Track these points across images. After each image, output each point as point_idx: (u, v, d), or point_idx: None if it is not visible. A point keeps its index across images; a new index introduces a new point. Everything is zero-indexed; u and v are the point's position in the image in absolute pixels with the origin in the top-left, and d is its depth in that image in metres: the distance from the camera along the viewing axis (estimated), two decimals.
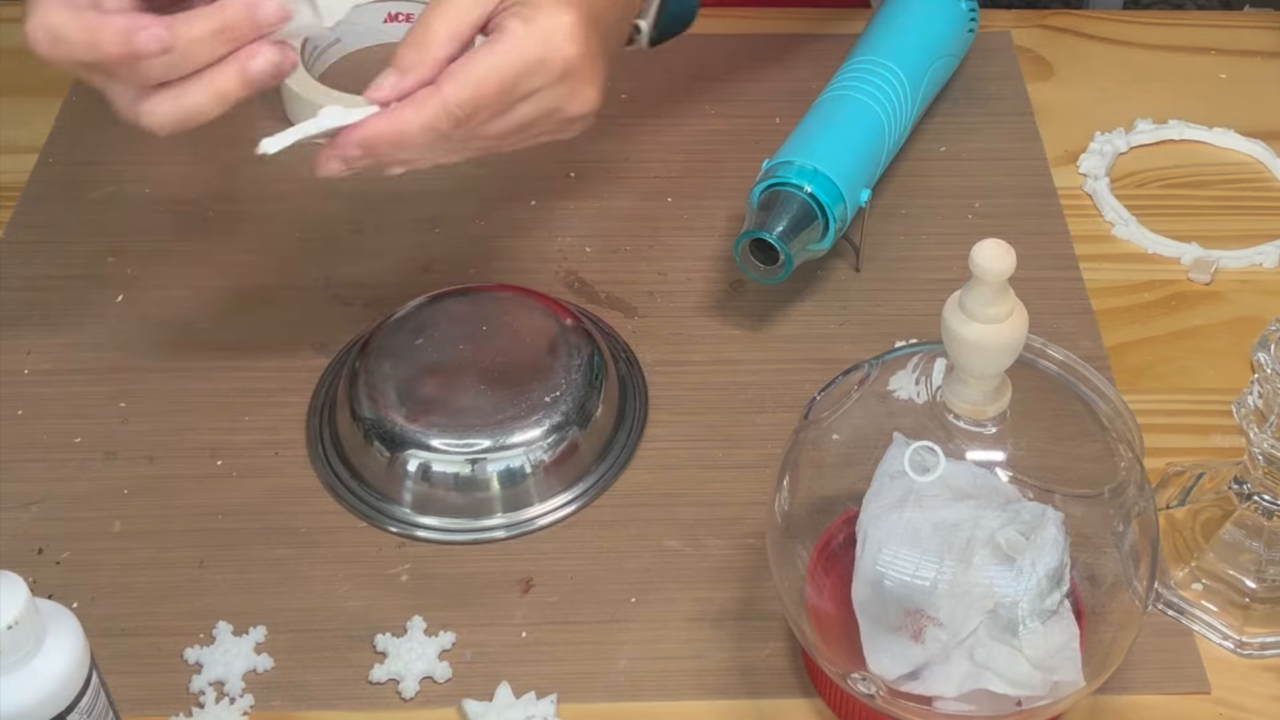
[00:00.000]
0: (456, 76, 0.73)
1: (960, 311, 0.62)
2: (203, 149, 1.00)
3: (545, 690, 0.73)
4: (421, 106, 0.72)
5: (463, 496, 0.80)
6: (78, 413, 0.85)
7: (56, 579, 0.77)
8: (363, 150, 0.73)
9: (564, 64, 0.74)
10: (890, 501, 0.66)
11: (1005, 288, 0.61)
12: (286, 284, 0.92)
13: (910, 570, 0.65)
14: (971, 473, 0.67)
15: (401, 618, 0.76)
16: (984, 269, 0.60)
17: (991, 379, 0.64)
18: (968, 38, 1.01)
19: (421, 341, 0.83)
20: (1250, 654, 0.75)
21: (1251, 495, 0.75)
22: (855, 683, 0.67)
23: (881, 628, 0.66)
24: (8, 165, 0.99)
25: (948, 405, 0.65)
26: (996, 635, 0.65)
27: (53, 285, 0.92)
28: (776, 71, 1.06)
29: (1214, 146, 1.02)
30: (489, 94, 0.73)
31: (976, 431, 0.65)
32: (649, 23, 0.84)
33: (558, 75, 0.74)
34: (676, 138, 1.01)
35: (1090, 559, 0.66)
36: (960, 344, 0.62)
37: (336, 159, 0.74)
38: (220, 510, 0.81)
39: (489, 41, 0.74)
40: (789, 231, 0.86)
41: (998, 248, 0.60)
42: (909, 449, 0.65)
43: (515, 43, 0.73)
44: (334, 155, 0.74)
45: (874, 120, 0.92)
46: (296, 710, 0.73)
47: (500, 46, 0.73)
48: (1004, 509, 0.66)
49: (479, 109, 0.73)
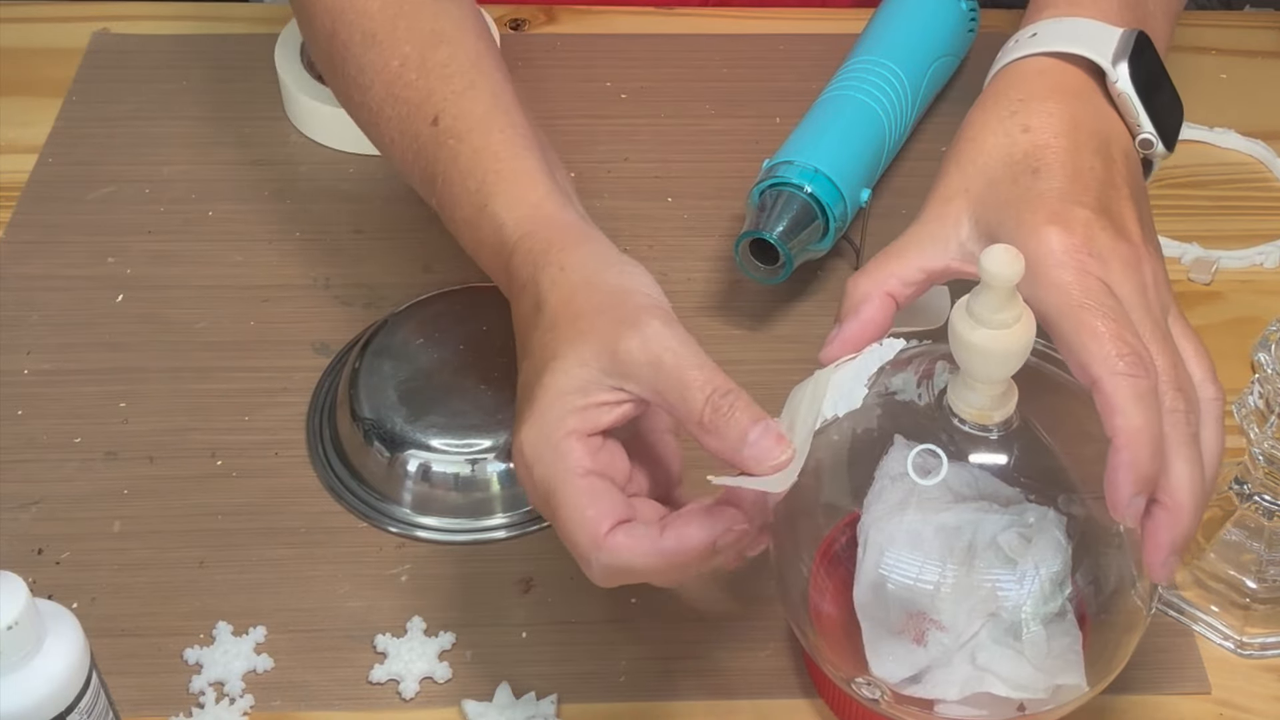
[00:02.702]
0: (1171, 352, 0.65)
1: (968, 317, 0.61)
2: (203, 149, 1.00)
3: (545, 690, 0.73)
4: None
5: (463, 496, 0.80)
6: (78, 413, 0.85)
7: (56, 579, 0.77)
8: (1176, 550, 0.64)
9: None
10: (892, 504, 0.66)
11: (1013, 293, 0.61)
12: (286, 284, 0.92)
13: (912, 573, 0.65)
14: (974, 475, 0.66)
15: (401, 618, 0.76)
16: (993, 274, 0.60)
17: (998, 384, 0.64)
18: (968, 38, 1.01)
19: (421, 341, 0.83)
20: (1251, 654, 0.75)
21: (1252, 496, 0.75)
22: (860, 687, 0.67)
23: (883, 631, 0.66)
24: (8, 165, 0.99)
25: (953, 410, 0.64)
26: (999, 639, 0.65)
27: (53, 285, 0.92)
28: (776, 71, 1.06)
29: (1214, 146, 1.02)
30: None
31: (981, 436, 0.65)
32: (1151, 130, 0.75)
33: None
34: (676, 138, 1.01)
35: (1094, 562, 0.66)
36: (968, 349, 0.62)
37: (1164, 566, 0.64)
38: (220, 510, 0.81)
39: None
40: (789, 231, 0.86)
41: (1007, 253, 0.60)
42: (911, 452, 0.65)
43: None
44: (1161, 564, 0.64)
45: (874, 120, 0.92)
46: (296, 710, 0.73)
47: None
48: (1006, 512, 0.66)
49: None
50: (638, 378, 0.63)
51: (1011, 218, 0.68)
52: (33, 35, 1.08)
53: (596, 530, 0.63)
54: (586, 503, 0.63)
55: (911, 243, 0.71)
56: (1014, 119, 0.72)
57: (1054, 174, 0.69)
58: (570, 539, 0.64)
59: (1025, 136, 0.71)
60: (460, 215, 0.74)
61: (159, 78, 1.05)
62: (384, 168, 0.99)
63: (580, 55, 1.06)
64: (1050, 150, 0.70)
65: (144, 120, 1.02)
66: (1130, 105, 0.73)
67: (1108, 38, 0.74)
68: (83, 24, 1.08)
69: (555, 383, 0.64)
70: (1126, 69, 0.73)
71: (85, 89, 1.04)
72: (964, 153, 0.72)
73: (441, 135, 0.75)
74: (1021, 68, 0.75)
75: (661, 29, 1.09)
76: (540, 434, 0.64)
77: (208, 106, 1.03)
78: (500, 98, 0.76)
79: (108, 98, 1.03)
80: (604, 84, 1.04)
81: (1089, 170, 0.69)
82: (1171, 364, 0.64)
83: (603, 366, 0.64)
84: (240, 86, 1.04)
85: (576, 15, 1.10)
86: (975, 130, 0.73)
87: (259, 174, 0.98)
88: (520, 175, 0.73)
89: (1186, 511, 0.63)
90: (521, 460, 0.65)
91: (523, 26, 1.08)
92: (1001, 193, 0.69)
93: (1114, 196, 0.69)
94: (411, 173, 0.78)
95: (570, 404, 0.64)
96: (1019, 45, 0.76)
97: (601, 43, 1.08)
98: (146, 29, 1.08)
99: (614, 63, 1.06)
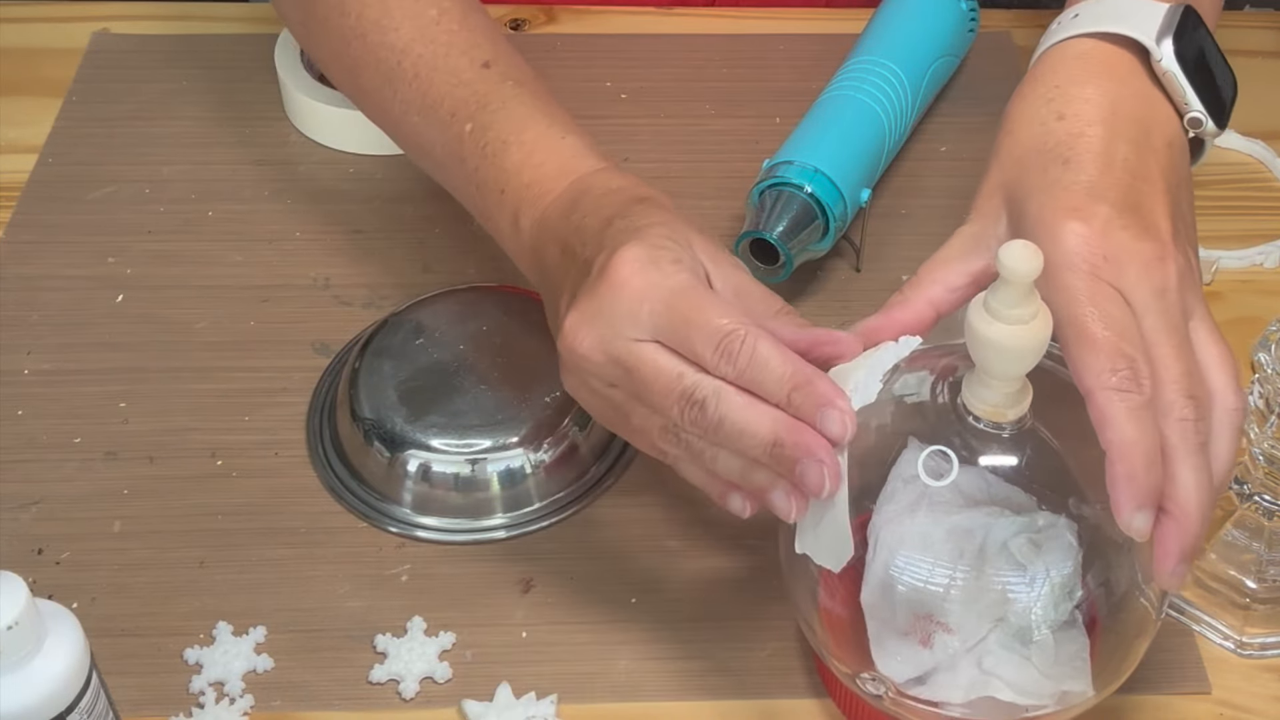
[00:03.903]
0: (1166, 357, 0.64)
1: (985, 312, 0.61)
2: (203, 149, 1.00)
3: (545, 690, 0.73)
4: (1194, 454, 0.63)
5: (463, 496, 0.80)
6: (78, 413, 0.85)
7: (56, 579, 0.77)
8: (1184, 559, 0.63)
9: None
10: (903, 506, 0.66)
11: (1031, 289, 0.60)
12: (286, 284, 0.92)
13: (921, 576, 0.65)
14: (985, 479, 0.66)
15: (401, 618, 0.76)
16: (1011, 269, 0.60)
17: (1014, 381, 0.63)
18: (968, 38, 1.01)
19: (421, 341, 0.83)
20: (1251, 654, 0.75)
21: (1252, 496, 0.75)
22: (864, 683, 0.67)
23: (890, 631, 0.66)
24: (8, 165, 0.99)
25: (967, 407, 0.64)
26: (1006, 643, 0.65)
27: (53, 285, 0.92)
28: (776, 71, 1.06)
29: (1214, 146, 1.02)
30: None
31: (994, 434, 0.64)
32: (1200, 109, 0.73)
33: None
34: (676, 138, 1.01)
35: (1104, 567, 0.66)
36: (985, 345, 0.62)
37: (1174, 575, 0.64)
38: (220, 510, 0.81)
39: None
40: (789, 231, 0.86)
41: (1025, 249, 0.60)
42: (923, 453, 0.65)
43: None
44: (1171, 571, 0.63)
45: (874, 120, 0.92)
46: (296, 710, 0.73)
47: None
48: (1017, 516, 0.66)
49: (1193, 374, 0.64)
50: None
51: (1034, 210, 0.67)
52: (33, 35, 1.08)
53: (744, 315, 0.64)
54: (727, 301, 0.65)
55: (955, 246, 0.70)
56: (1049, 106, 0.70)
57: (1084, 165, 0.67)
58: (713, 322, 0.63)
59: (1060, 124, 0.69)
60: (520, 139, 0.74)
61: (159, 78, 1.05)
62: (384, 168, 0.99)
63: (580, 55, 1.06)
64: (1084, 139, 0.68)
65: (144, 120, 1.02)
66: (1176, 84, 0.71)
67: (1152, 15, 0.72)
68: (83, 24, 1.08)
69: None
70: (1171, 46, 0.71)
71: (85, 89, 1.04)
72: (1001, 145, 0.71)
73: (497, 77, 0.77)
74: (1062, 51, 0.73)
75: (661, 29, 1.09)
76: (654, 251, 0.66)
77: (208, 106, 1.03)
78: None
79: (108, 98, 1.03)
80: (604, 84, 1.04)
81: (1122, 161, 0.68)
82: (1184, 371, 0.64)
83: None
84: (240, 86, 1.04)
85: (576, 15, 1.10)
86: (1012, 121, 0.71)
87: (259, 174, 0.98)
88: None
89: (1194, 520, 0.62)
90: (640, 266, 0.65)
91: (523, 26, 1.09)
92: (1031, 182, 0.68)
93: (1146, 191, 0.68)
94: (432, 98, 0.78)
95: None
96: (1061, 28, 0.74)
97: (601, 43, 1.08)
98: (146, 29, 1.08)
99: (614, 63, 1.06)
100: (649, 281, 0.64)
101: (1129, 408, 0.61)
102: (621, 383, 0.66)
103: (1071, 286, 0.64)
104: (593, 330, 0.65)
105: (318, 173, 0.99)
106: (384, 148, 0.99)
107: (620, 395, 0.66)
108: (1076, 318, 0.63)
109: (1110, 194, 0.66)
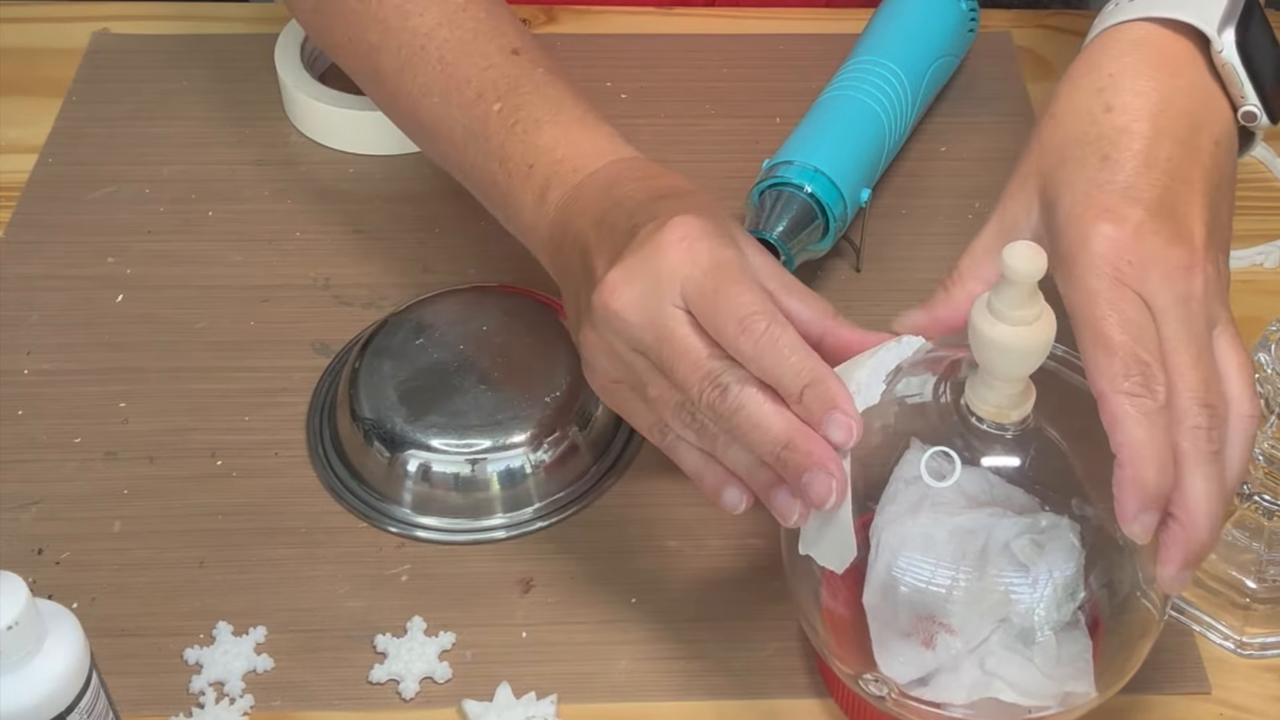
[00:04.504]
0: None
1: (989, 313, 0.61)
2: (203, 149, 1.00)
3: (545, 690, 0.73)
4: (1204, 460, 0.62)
5: (463, 496, 0.80)
6: (78, 413, 0.85)
7: (56, 579, 0.77)
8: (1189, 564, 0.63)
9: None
10: (905, 506, 0.66)
11: (1035, 290, 0.60)
12: (286, 284, 0.92)
13: (924, 576, 0.65)
14: (988, 480, 0.66)
15: (401, 618, 0.76)
16: (1015, 270, 0.60)
17: (1017, 382, 0.63)
18: (968, 38, 1.01)
19: (421, 341, 0.83)
20: (1250, 654, 0.75)
21: (1252, 496, 0.75)
22: (866, 684, 0.67)
23: (892, 632, 0.66)
24: (8, 165, 0.99)
25: (971, 408, 0.64)
26: (1009, 644, 0.65)
27: (53, 285, 0.92)
28: (776, 71, 1.06)
29: None
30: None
31: (997, 435, 0.64)
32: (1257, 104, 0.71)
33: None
34: (676, 138, 1.01)
35: (1107, 568, 0.66)
36: (988, 346, 0.61)
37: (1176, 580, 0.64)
38: (220, 510, 0.81)
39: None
40: (789, 231, 0.86)
41: (1029, 249, 0.60)
42: (925, 454, 0.65)
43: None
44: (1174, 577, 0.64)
45: (874, 120, 0.92)
46: (296, 710, 0.73)
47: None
48: (1020, 517, 0.66)
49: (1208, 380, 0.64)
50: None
51: (1066, 206, 0.66)
52: (33, 35, 1.08)
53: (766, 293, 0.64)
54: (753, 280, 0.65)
55: (989, 235, 0.70)
56: (1099, 97, 0.69)
57: (1123, 163, 0.66)
58: (742, 297, 0.63)
59: (1106, 117, 0.68)
60: (555, 118, 0.74)
61: (159, 78, 1.05)
62: (384, 168, 0.99)
63: (580, 55, 1.06)
64: (1127, 135, 0.67)
65: (144, 120, 1.02)
66: (1235, 76, 0.70)
67: (1213, 1, 0.70)
68: (83, 24, 1.08)
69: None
70: (1233, 36, 0.69)
71: (85, 89, 1.04)
72: (1044, 129, 0.70)
73: (527, 63, 0.77)
74: (1118, 35, 0.71)
75: (661, 29, 1.09)
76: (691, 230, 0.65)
77: (208, 106, 1.03)
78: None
79: (108, 98, 1.03)
80: (604, 84, 1.04)
81: (1164, 161, 0.67)
82: (1202, 379, 0.63)
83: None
84: (240, 86, 1.04)
85: (576, 15, 1.10)
86: (1059, 105, 0.70)
87: (259, 174, 0.98)
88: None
89: (1201, 528, 0.62)
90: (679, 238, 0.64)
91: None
92: (1067, 175, 0.67)
93: (1183, 193, 0.67)
94: (458, 80, 0.78)
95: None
96: (1119, 9, 0.71)
97: (601, 43, 1.08)
98: (146, 29, 1.08)
99: (614, 63, 1.06)
100: (700, 249, 0.64)
101: (1140, 412, 0.61)
102: (649, 350, 0.65)
103: (1093, 289, 0.64)
104: (633, 288, 0.65)
105: (318, 173, 0.99)
106: (384, 148, 0.99)
107: (643, 364, 0.66)
108: (1094, 320, 0.63)
109: (1146, 196, 0.66)
